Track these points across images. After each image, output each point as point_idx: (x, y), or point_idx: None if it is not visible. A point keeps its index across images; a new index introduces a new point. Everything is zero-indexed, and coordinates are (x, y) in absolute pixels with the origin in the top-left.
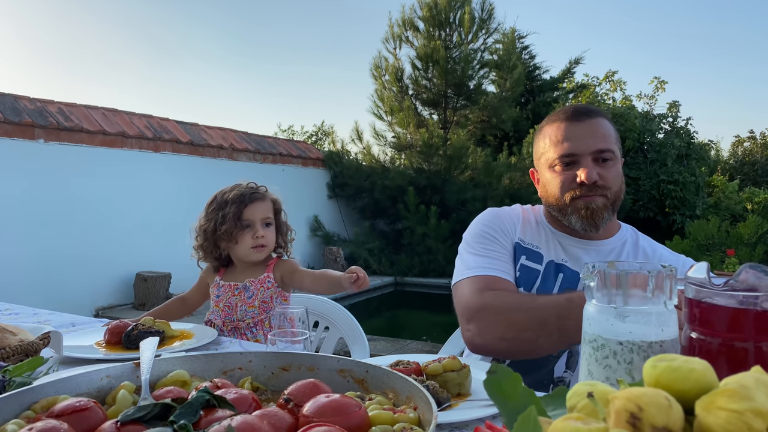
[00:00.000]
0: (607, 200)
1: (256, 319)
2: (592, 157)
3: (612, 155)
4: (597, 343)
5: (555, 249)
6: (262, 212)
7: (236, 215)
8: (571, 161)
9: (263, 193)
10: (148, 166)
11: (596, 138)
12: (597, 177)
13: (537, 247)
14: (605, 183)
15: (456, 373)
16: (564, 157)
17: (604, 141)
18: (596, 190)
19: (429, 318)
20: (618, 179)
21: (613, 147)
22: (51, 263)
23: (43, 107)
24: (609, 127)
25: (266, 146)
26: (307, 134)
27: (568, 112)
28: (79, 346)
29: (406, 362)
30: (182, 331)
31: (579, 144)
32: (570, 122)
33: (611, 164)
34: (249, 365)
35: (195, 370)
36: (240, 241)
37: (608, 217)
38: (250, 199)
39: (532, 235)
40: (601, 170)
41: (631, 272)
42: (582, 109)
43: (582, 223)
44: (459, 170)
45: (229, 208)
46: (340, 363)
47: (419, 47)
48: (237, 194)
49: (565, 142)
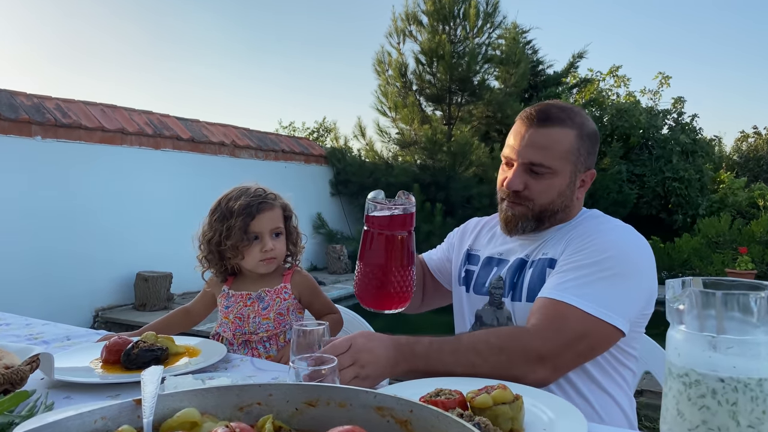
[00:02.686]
0: (529, 210)
1: (270, 333)
2: (524, 166)
3: (547, 170)
4: (689, 379)
5: (494, 245)
6: (270, 223)
7: (242, 228)
8: (508, 163)
9: (272, 201)
10: (148, 164)
11: (534, 149)
12: (520, 186)
13: (477, 250)
14: (529, 194)
15: (508, 406)
16: (504, 157)
17: (542, 154)
18: (517, 198)
19: (434, 318)
20: (548, 194)
21: (554, 162)
22: (49, 263)
23: (40, 103)
24: (563, 139)
25: (268, 143)
26: (308, 130)
27: (529, 113)
28: (72, 368)
29: (448, 392)
30: (187, 347)
31: (516, 150)
32: (524, 124)
33: (545, 178)
34: (269, 399)
35: (206, 406)
36: (247, 255)
37: (528, 226)
38: (258, 209)
39: (480, 240)
40: (531, 181)
41: (732, 293)
42: (542, 114)
43: (501, 224)
44: (464, 167)
45: (234, 221)
46: (378, 399)
47: (423, 42)
48: (243, 205)
49: (510, 144)
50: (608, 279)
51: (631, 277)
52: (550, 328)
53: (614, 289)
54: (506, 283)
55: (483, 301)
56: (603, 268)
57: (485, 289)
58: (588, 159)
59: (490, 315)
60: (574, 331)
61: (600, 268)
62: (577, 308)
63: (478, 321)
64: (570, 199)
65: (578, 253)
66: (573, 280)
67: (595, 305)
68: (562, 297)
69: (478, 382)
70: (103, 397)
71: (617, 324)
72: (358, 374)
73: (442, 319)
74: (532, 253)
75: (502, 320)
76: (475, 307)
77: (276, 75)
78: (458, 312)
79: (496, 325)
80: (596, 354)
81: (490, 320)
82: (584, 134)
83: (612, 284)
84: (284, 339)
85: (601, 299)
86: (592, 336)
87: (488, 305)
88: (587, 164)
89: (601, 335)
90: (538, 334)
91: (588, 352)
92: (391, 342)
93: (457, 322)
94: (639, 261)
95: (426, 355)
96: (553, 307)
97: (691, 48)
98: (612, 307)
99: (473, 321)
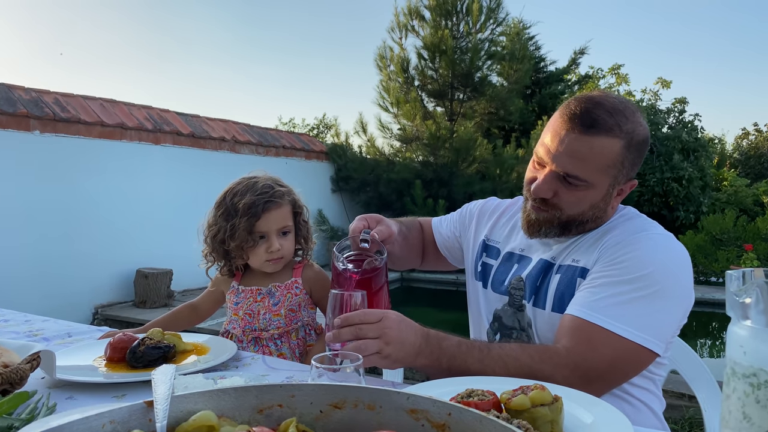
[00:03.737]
0: (555, 218)
1: (282, 330)
2: (556, 174)
3: (582, 183)
4: (758, 379)
5: (515, 238)
6: (278, 221)
7: (247, 229)
8: (540, 163)
9: (279, 200)
10: (148, 159)
11: (571, 159)
12: (549, 194)
13: (496, 241)
14: (558, 203)
15: (548, 408)
16: (537, 156)
17: (581, 166)
18: (544, 205)
19: (437, 315)
20: (579, 206)
21: (591, 175)
22: (48, 259)
23: (38, 97)
24: (607, 151)
25: (269, 139)
26: (309, 127)
27: (573, 112)
28: (75, 367)
29: (481, 392)
30: (195, 344)
31: (551, 154)
32: (566, 125)
33: (578, 190)
34: (291, 401)
35: (223, 408)
36: (252, 255)
37: (552, 232)
38: (264, 208)
39: (498, 229)
40: (562, 189)
41: None
42: (588, 118)
43: (523, 223)
44: (467, 163)
45: (239, 220)
46: (411, 401)
47: (425, 37)
48: (248, 204)
49: (546, 144)
50: (646, 298)
51: (672, 296)
52: (582, 354)
53: (652, 310)
54: (527, 285)
55: (502, 301)
56: (641, 285)
57: (504, 288)
58: (632, 170)
59: (510, 317)
60: (608, 357)
61: (638, 286)
62: (611, 332)
63: (497, 321)
64: (603, 210)
65: (614, 267)
66: (607, 299)
67: (632, 329)
68: (595, 318)
69: (512, 381)
70: (108, 398)
71: (654, 348)
72: (381, 350)
73: (451, 316)
74: (560, 255)
75: (523, 324)
76: (493, 305)
77: (276, 71)
78: (474, 307)
79: (517, 328)
80: (629, 378)
81: (510, 322)
82: (633, 144)
83: (650, 304)
84: (296, 336)
85: (637, 322)
86: (627, 362)
87: (508, 306)
88: (629, 175)
89: (636, 361)
90: (570, 359)
91: (621, 378)
92: (421, 331)
93: (473, 318)
94: (681, 277)
95: (452, 354)
96: (586, 329)
97: (692, 46)
98: (649, 330)
99: (491, 320)
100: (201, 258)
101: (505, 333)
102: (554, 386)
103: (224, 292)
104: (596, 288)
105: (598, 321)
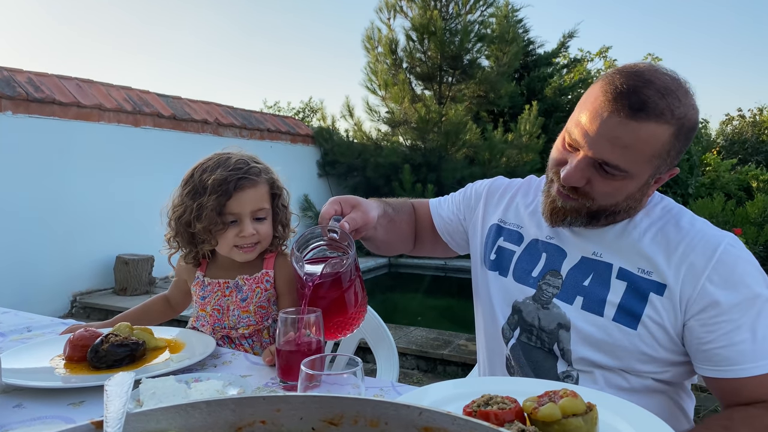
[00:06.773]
0: (584, 207)
1: (253, 327)
2: (592, 160)
3: (621, 173)
4: None
5: (543, 225)
6: (252, 203)
7: (216, 209)
8: (573, 147)
9: (255, 177)
10: (127, 142)
11: (612, 146)
12: (581, 183)
13: (517, 225)
14: (590, 191)
15: (581, 418)
16: (570, 136)
17: (622, 155)
18: (574, 193)
19: (424, 300)
20: (614, 196)
21: (633, 166)
22: (23, 246)
23: (10, 77)
24: (654, 140)
25: (253, 122)
26: (294, 111)
27: (620, 91)
28: (28, 369)
29: (500, 399)
30: (168, 340)
31: (588, 138)
32: (610, 106)
33: (615, 179)
34: (276, 416)
35: (193, 427)
36: (221, 240)
37: (578, 222)
38: (237, 186)
39: (513, 211)
40: (597, 177)
41: None
42: (638, 100)
43: (544, 210)
44: (456, 147)
45: (207, 199)
46: (425, 417)
47: (414, 18)
48: (219, 180)
49: (582, 124)
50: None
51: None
52: None
53: None
54: (566, 284)
55: (524, 293)
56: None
57: (533, 280)
58: (676, 158)
59: (532, 312)
60: None
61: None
62: None
63: (516, 314)
64: (638, 201)
65: (735, 294)
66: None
67: None
68: None
69: (534, 385)
70: (63, 406)
71: None
72: None
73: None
74: (610, 254)
75: (544, 324)
76: (512, 296)
77: (261, 54)
78: (483, 296)
79: (536, 326)
80: None
81: (531, 318)
82: (683, 131)
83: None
84: (268, 335)
85: None
86: None
87: (531, 300)
88: (672, 164)
89: None
90: None
91: None
92: None
93: (484, 309)
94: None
95: None
96: None
97: (679, 30)
98: None
99: (509, 313)
100: (163, 243)
101: (525, 329)
102: (587, 392)
103: (188, 283)
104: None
105: None
